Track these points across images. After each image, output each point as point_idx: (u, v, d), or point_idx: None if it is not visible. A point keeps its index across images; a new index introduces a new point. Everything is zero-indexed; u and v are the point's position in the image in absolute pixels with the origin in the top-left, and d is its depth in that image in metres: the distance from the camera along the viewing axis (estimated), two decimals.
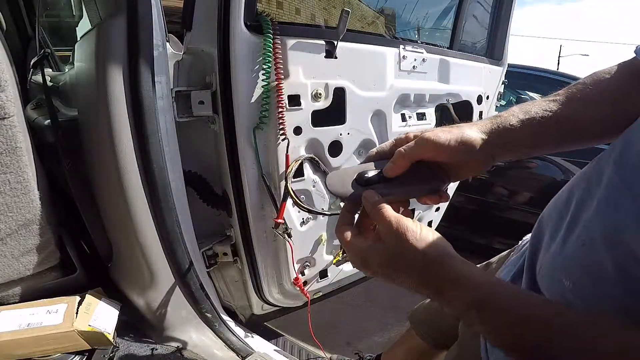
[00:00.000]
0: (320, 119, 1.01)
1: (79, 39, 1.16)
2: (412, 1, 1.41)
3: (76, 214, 1.09)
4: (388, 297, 1.96)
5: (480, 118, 1.47)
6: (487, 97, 1.50)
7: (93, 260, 1.15)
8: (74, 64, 1.18)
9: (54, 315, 0.92)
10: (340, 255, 1.25)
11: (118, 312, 1.02)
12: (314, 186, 1.08)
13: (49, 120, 1.02)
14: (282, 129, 0.93)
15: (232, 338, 1.11)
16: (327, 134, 1.05)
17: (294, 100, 0.95)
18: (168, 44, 0.88)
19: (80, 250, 1.13)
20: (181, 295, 1.04)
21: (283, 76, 0.91)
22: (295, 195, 0.97)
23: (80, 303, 0.97)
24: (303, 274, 1.18)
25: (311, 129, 1.00)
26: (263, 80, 0.90)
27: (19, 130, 0.87)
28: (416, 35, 1.45)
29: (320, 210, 1.09)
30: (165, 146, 0.88)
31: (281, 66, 0.90)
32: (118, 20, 0.81)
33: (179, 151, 0.94)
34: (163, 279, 1.01)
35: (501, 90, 1.61)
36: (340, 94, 1.03)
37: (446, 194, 0.48)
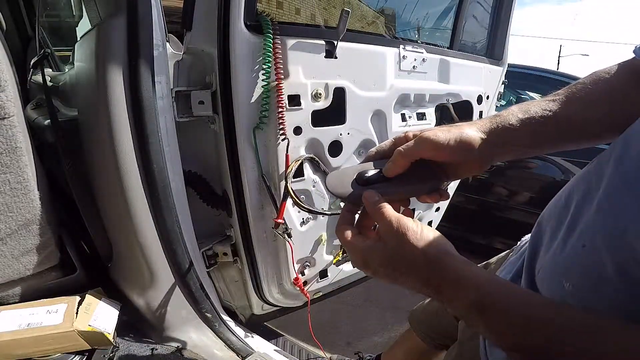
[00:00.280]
0: (320, 119, 1.01)
1: (79, 39, 1.16)
2: (412, 1, 1.41)
3: (76, 214, 1.09)
4: (388, 297, 1.97)
5: (481, 118, 1.47)
6: (487, 97, 1.50)
7: (93, 260, 1.15)
8: (74, 64, 1.18)
9: (54, 315, 0.92)
10: (340, 255, 1.25)
11: (118, 312, 1.02)
12: (314, 186, 1.08)
13: (49, 120, 1.02)
14: (282, 129, 0.93)
15: (232, 338, 1.11)
16: (327, 134, 1.05)
17: (294, 100, 0.95)
18: (168, 44, 0.88)
19: (80, 250, 1.13)
20: (181, 295, 1.04)
21: (283, 76, 0.91)
22: (295, 195, 0.97)
23: (80, 303, 0.97)
24: (303, 274, 1.18)
25: (311, 129, 1.00)
26: (263, 80, 0.90)
27: (19, 130, 0.87)
28: (416, 35, 1.44)
29: (321, 210, 1.09)
30: (165, 146, 0.88)
31: (281, 66, 0.90)
32: (118, 20, 0.81)
33: (179, 151, 0.94)
34: (163, 279, 1.01)
35: (501, 90, 1.61)
36: (340, 94, 1.03)
37: (446, 192, 0.48)
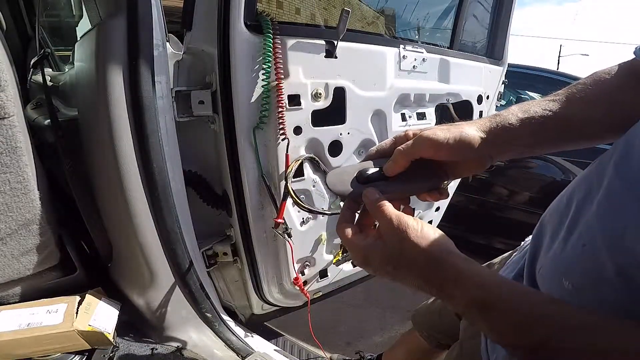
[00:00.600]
0: (320, 118, 1.01)
1: (79, 39, 1.16)
2: (412, 1, 1.41)
3: (76, 214, 1.09)
4: (388, 297, 1.97)
5: (480, 118, 1.47)
6: (487, 97, 1.50)
7: (93, 260, 1.15)
8: (74, 64, 1.18)
9: (54, 315, 0.92)
10: (340, 254, 1.25)
11: (118, 312, 1.02)
12: (314, 186, 1.08)
13: (49, 120, 1.02)
14: (282, 128, 0.93)
15: (232, 338, 1.11)
16: (327, 134, 1.05)
17: (294, 100, 0.95)
18: (168, 43, 0.88)
19: (80, 250, 1.13)
20: (181, 295, 1.04)
21: (283, 76, 0.91)
22: (296, 195, 0.97)
23: (80, 303, 0.97)
24: (303, 273, 1.18)
25: (311, 128, 1.00)
26: (263, 80, 0.90)
27: (19, 130, 0.87)
28: (416, 35, 1.44)
29: (320, 210, 1.09)
30: (165, 146, 0.88)
31: (281, 66, 0.90)
32: (118, 20, 0.81)
33: (179, 151, 0.94)
34: (163, 279, 1.01)
35: (501, 90, 1.61)
36: (340, 93, 1.03)
37: (446, 191, 0.48)
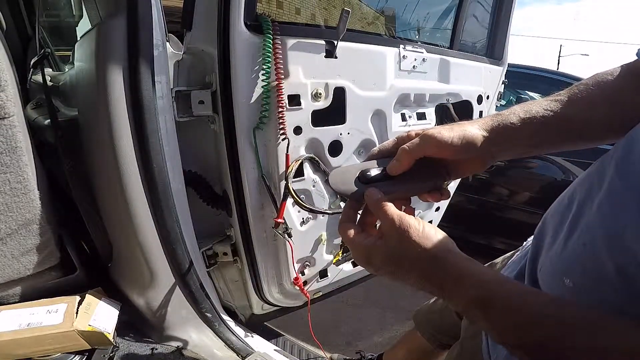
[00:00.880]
0: (320, 118, 1.01)
1: (79, 38, 1.16)
2: (412, 1, 1.41)
3: (76, 214, 1.09)
4: (388, 297, 1.97)
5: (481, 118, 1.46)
6: (487, 97, 1.50)
7: (93, 260, 1.15)
8: (74, 64, 1.18)
9: (54, 315, 0.92)
10: (340, 254, 1.25)
11: (118, 312, 1.02)
12: (313, 186, 1.08)
13: (49, 120, 1.02)
14: (282, 128, 0.93)
15: (232, 338, 1.11)
16: (327, 134, 1.05)
17: (294, 100, 0.95)
18: (168, 43, 0.88)
19: (80, 250, 1.13)
20: (181, 295, 1.04)
21: (283, 76, 0.91)
22: (297, 195, 0.97)
23: (80, 303, 0.97)
24: (303, 273, 1.18)
25: (311, 128, 1.00)
26: (263, 80, 0.90)
27: (19, 130, 0.87)
28: (416, 35, 1.44)
29: (322, 210, 1.09)
30: (165, 146, 0.88)
31: (281, 66, 0.90)
32: (118, 20, 0.81)
33: (179, 151, 0.94)
34: (163, 279, 1.01)
35: (501, 90, 1.61)
36: (340, 93, 1.03)
37: (447, 191, 0.49)
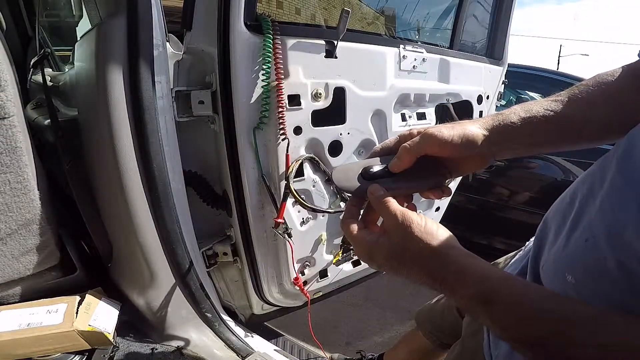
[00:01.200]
0: (320, 118, 1.01)
1: (79, 38, 1.16)
2: (412, 1, 1.41)
3: (76, 214, 1.09)
4: (388, 297, 1.97)
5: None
6: (487, 97, 1.50)
7: (93, 260, 1.15)
8: (74, 64, 1.18)
9: (54, 315, 0.92)
10: (340, 254, 1.25)
11: (118, 312, 1.02)
12: (314, 186, 1.08)
13: (49, 120, 1.02)
14: (282, 128, 0.93)
15: (232, 338, 1.11)
16: (327, 134, 1.05)
17: (294, 100, 0.95)
18: (168, 43, 0.88)
19: (80, 250, 1.13)
20: (181, 295, 1.04)
21: (283, 76, 0.91)
22: (298, 195, 0.98)
23: (80, 303, 0.97)
24: (303, 273, 1.18)
25: (311, 128, 1.00)
26: (263, 80, 0.90)
27: (19, 130, 0.87)
28: (416, 35, 1.44)
29: (324, 209, 1.09)
30: (165, 146, 0.88)
31: (281, 66, 0.90)
32: (118, 20, 0.81)
33: (179, 151, 0.94)
34: (163, 279, 1.01)
35: (501, 90, 1.61)
36: (340, 93, 1.03)
37: (448, 189, 0.49)
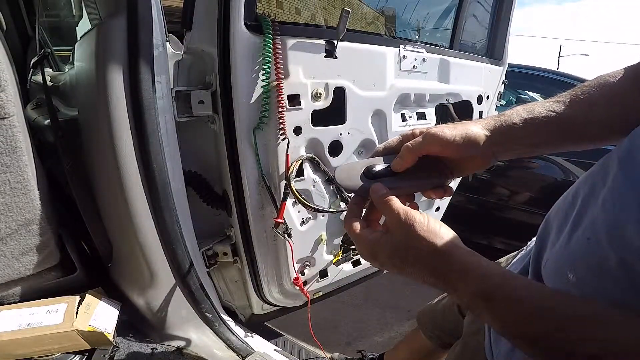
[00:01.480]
0: (320, 118, 1.01)
1: (79, 38, 1.16)
2: (412, 1, 1.41)
3: (76, 214, 1.09)
4: (388, 297, 1.97)
5: (480, 118, 1.47)
6: (487, 97, 1.50)
7: (93, 260, 1.15)
8: (74, 64, 1.18)
9: (54, 315, 0.92)
10: (340, 254, 1.25)
11: (118, 312, 1.02)
12: (314, 186, 1.08)
13: (49, 120, 1.02)
14: (282, 128, 0.93)
15: (232, 338, 1.11)
16: (327, 134, 1.05)
17: (294, 100, 0.95)
18: (168, 43, 0.88)
19: (80, 250, 1.13)
20: (181, 295, 1.04)
21: (283, 76, 0.91)
22: (299, 195, 0.98)
23: (80, 303, 0.97)
24: (303, 273, 1.18)
25: (311, 128, 1.00)
26: (263, 80, 0.90)
27: (19, 130, 0.87)
28: (416, 35, 1.44)
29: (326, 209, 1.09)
30: (165, 146, 0.88)
31: (281, 66, 0.90)
32: (118, 20, 0.81)
33: (179, 151, 0.94)
34: (163, 279, 1.01)
35: (501, 90, 1.61)
36: (340, 93, 1.03)
37: (450, 188, 0.49)
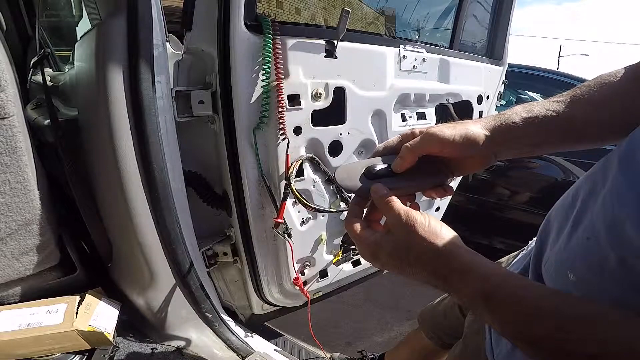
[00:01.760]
0: (320, 118, 1.01)
1: (79, 39, 1.16)
2: (412, 1, 1.41)
3: (76, 214, 1.09)
4: (388, 297, 1.97)
5: (481, 117, 1.47)
6: (487, 97, 1.50)
7: (93, 260, 1.15)
8: (74, 64, 1.18)
9: (54, 315, 0.92)
10: (340, 254, 1.25)
11: (118, 312, 1.02)
12: (314, 186, 1.08)
13: (49, 120, 1.02)
14: (282, 128, 0.93)
15: (232, 338, 1.11)
16: (327, 134, 1.05)
17: (294, 100, 0.95)
18: (168, 43, 0.88)
19: (80, 250, 1.13)
20: (181, 295, 1.04)
21: (283, 76, 0.91)
22: (300, 195, 0.98)
23: (80, 303, 0.97)
24: (303, 273, 1.18)
25: (311, 128, 1.00)
26: (263, 80, 0.90)
27: (19, 130, 0.87)
28: (416, 35, 1.44)
29: (327, 209, 1.09)
30: (165, 146, 0.88)
31: (281, 66, 0.90)
32: (118, 20, 0.81)
33: (179, 151, 0.94)
34: (163, 279, 1.01)
35: (501, 90, 1.61)
36: (340, 93, 1.03)
37: (450, 187, 0.49)
